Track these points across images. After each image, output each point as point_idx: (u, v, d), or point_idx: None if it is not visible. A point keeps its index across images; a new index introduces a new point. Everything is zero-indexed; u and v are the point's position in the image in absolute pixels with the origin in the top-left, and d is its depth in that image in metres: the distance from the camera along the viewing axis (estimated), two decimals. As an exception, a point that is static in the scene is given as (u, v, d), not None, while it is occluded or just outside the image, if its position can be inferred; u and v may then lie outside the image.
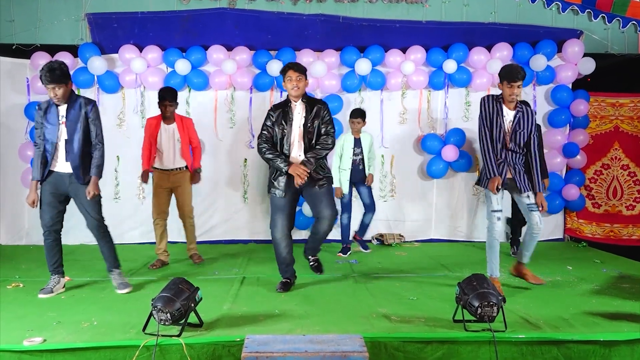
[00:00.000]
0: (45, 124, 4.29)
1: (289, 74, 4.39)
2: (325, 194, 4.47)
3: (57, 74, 4.16)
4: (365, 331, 3.42)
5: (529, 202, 4.44)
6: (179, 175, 5.46)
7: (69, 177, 4.34)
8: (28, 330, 3.47)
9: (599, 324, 3.66)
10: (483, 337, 3.37)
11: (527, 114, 4.39)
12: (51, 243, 4.45)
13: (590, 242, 6.79)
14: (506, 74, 4.31)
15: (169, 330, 3.39)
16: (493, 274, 4.55)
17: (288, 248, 4.54)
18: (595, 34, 6.81)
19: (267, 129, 4.47)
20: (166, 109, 5.34)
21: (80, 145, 4.30)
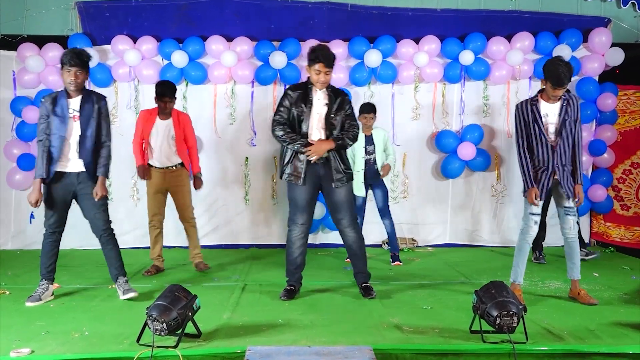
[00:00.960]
0: (52, 117, 4.31)
1: (318, 68, 4.37)
2: (344, 197, 4.51)
3: (83, 57, 4.29)
4: (375, 342, 3.42)
5: (568, 205, 4.46)
6: (175, 173, 5.43)
7: (77, 177, 4.38)
8: (15, 341, 3.49)
9: (628, 336, 3.65)
10: (502, 349, 3.37)
11: (572, 100, 4.42)
12: (51, 244, 4.50)
13: (618, 247, 6.77)
14: (552, 77, 4.25)
15: (164, 341, 3.41)
16: (516, 280, 4.56)
17: (301, 249, 4.58)
18: (624, 22, 6.80)
19: (284, 111, 4.46)
20: (166, 106, 5.34)
21: (92, 141, 4.37)
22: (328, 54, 4.42)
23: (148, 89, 6.55)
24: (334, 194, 4.51)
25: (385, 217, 5.95)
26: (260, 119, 6.71)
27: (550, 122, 4.38)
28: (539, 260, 5.97)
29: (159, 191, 5.44)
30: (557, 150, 4.37)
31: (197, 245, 5.66)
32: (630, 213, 6.92)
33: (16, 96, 6.56)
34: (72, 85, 4.30)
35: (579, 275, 4.56)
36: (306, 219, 4.56)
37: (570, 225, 4.47)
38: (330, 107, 4.46)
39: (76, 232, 6.43)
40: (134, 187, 6.64)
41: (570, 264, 4.56)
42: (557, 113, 4.38)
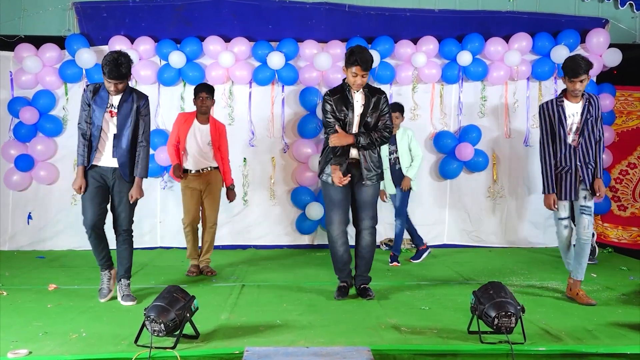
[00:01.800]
0: (93, 107, 4.28)
1: (355, 70, 4.34)
2: (371, 196, 4.54)
3: (123, 70, 4.18)
4: (373, 343, 3.42)
5: (584, 204, 4.46)
6: (210, 174, 5.38)
7: (112, 172, 4.36)
8: (12, 342, 3.48)
9: (626, 336, 3.65)
10: (500, 350, 3.37)
11: (593, 99, 4.45)
12: (95, 239, 4.45)
13: (616, 248, 6.79)
14: (568, 69, 4.32)
15: (162, 342, 3.41)
16: (577, 277, 4.54)
17: (345, 246, 4.59)
18: (621, 23, 6.81)
19: (332, 116, 4.45)
20: (202, 103, 5.29)
21: (128, 141, 4.34)
22: (366, 58, 4.36)
23: (145, 89, 6.48)
24: (361, 192, 4.54)
25: (398, 217, 5.98)
26: (258, 119, 6.71)
27: (573, 122, 4.41)
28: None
29: (194, 195, 5.36)
30: (578, 149, 4.40)
31: (209, 251, 5.55)
32: (627, 213, 6.94)
33: (13, 97, 6.56)
34: (113, 93, 4.28)
35: (583, 277, 4.54)
36: (343, 217, 4.56)
37: (585, 225, 4.43)
38: (366, 108, 4.46)
39: (74, 233, 6.45)
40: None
41: (577, 264, 4.52)
42: (579, 112, 4.40)
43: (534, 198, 6.84)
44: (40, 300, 4.49)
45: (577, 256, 4.53)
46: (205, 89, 5.34)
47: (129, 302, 4.41)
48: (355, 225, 4.66)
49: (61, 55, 6.49)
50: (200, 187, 5.36)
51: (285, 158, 6.80)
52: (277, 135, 6.75)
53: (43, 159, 6.55)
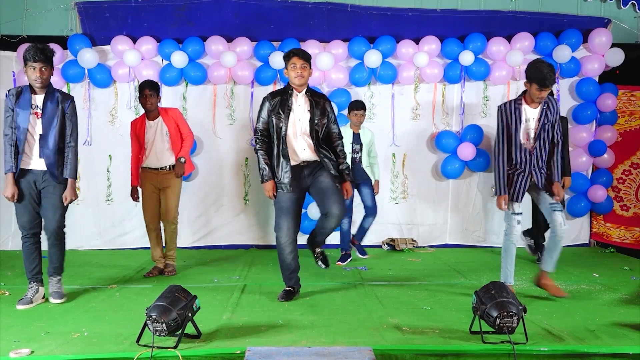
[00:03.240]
0: (17, 110, 4.24)
1: (293, 61, 4.39)
2: (334, 187, 4.46)
3: (46, 52, 4.20)
4: (375, 343, 3.42)
5: (552, 202, 4.48)
6: (168, 175, 5.37)
7: (42, 175, 4.32)
8: (14, 341, 3.48)
9: (628, 336, 3.64)
10: (502, 350, 3.36)
11: (552, 103, 4.44)
12: (29, 247, 4.42)
13: (618, 248, 6.77)
14: (537, 78, 4.26)
15: (164, 341, 3.41)
16: (507, 281, 4.58)
17: (293, 254, 4.54)
18: (624, 23, 6.80)
19: (262, 122, 4.47)
20: (147, 100, 5.23)
21: (55, 142, 4.29)
22: (301, 49, 4.48)
23: (148, 89, 6.56)
24: (320, 181, 4.45)
25: (371, 215, 5.97)
26: (260, 119, 6.70)
27: (530, 127, 4.42)
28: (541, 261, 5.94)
29: (153, 192, 5.39)
30: (534, 153, 4.43)
31: (172, 248, 5.50)
32: (630, 213, 6.92)
33: (16, 96, 6.55)
34: (38, 82, 4.21)
35: (552, 269, 4.61)
36: (292, 223, 4.48)
37: (560, 221, 4.44)
38: (313, 113, 4.43)
39: (75, 234, 6.45)
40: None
41: (549, 257, 4.58)
42: (537, 117, 4.41)
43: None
44: (42, 300, 4.50)
45: (550, 250, 4.56)
46: (147, 85, 5.28)
47: (57, 299, 4.39)
48: (324, 213, 4.50)
49: (63, 55, 6.49)
50: (158, 186, 5.37)
51: (287, 158, 6.79)
52: (279, 135, 6.74)
53: (45, 159, 6.55)
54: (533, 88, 4.31)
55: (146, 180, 5.39)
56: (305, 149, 4.45)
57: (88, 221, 6.71)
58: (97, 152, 6.63)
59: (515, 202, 4.51)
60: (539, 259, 5.97)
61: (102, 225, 6.76)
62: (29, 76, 4.23)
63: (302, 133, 4.44)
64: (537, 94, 4.31)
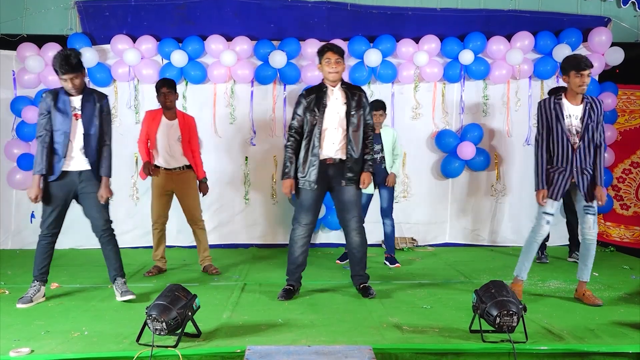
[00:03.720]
0: (55, 113, 4.25)
1: (328, 56, 4.41)
2: (353, 196, 4.52)
3: (73, 62, 4.17)
4: (375, 342, 3.42)
5: (587, 204, 4.38)
6: (182, 175, 5.35)
7: (79, 175, 4.34)
8: (14, 340, 3.49)
9: (628, 335, 3.64)
10: (502, 349, 3.37)
11: (595, 103, 4.35)
12: (46, 246, 4.43)
13: (618, 247, 6.77)
14: (572, 64, 4.25)
15: (164, 340, 3.41)
16: (519, 275, 4.54)
17: (303, 248, 4.59)
18: (624, 22, 6.80)
19: (297, 118, 4.50)
20: (166, 98, 5.23)
21: (97, 140, 4.34)
22: (336, 44, 4.52)
23: (148, 88, 6.55)
24: (342, 193, 4.51)
25: (387, 217, 5.89)
26: (260, 118, 6.71)
27: (572, 124, 4.32)
28: (541, 260, 5.95)
29: (164, 193, 5.36)
30: (577, 152, 4.31)
31: (207, 248, 5.55)
32: (630, 212, 6.92)
33: (16, 96, 6.56)
34: (73, 91, 4.26)
35: (589, 278, 4.48)
36: (311, 219, 4.57)
37: (590, 225, 4.36)
38: (350, 105, 4.45)
39: (75, 232, 6.45)
40: (133, 187, 6.63)
41: (583, 265, 4.48)
42: (579, 116, 4.31)
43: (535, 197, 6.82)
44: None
45: (582, 257, 4.48)
46: (165, 83, 5.27)
47: (128, 296, 4.41)
48: (343, 226, 4.64)
49: (63, 54, 6.49)
50: (171, 187, 5.33)
51: (287, 157, 6.79)
52: (279, 134, 6.75)
53: (45, 158, 6.55)
54: (572, 76, 4.24)
55: (159, 180, 5.33)
56: (334, 142, 4.46)
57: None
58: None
59: (551, 200, 4.41)
60: (539, 258, 5.96)
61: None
62: (64, 86, 4.25)
63: (338, 126, 4.45)
64: (578, 80, 4.22)
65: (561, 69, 4.38)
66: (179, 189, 5.37)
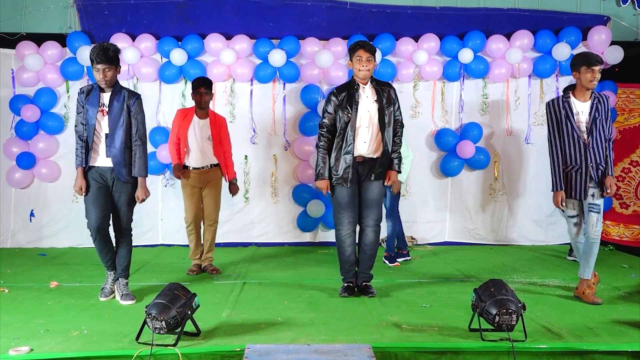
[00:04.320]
0: (87, 107, 4.27)
1: (359, 54, 4.39)
2: (377, 194, 4.54)
3: (110, 53, 4.20)
4: (374, 341, 3.42)
5: (592, 202, 4.39)
6: (210, 173, 5.34)
7: (110, 172, 4.33)
8: (14, 339, 3.49)
9: (627, 334, 3.65)
10: (501, 347, 3.37)
11: (603, 98, 4.39)
12: (100, 241, 4.41)
13: (617, 246, 6.77)
14: (582, 60, 4.31)
15: (164, 339, 3.41)
16: (582, 276, 4.49)
17: (352, 246, 4.59)
18: (623, 21, 6.79)
19: (328, 116, 4.50)
20: (202, 98, 5.22)
21: (122, 140, 4.30)
22: (367, 42, 4.54)
23: (147, 87, 6.56)
24: (368, 190, 4.53)
25: (390, 217, 5.86)
26: (259, 117, 6.70)
27: (581, 121, 4.35)
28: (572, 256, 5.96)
29: (195, 193, 5.33)
30: (589, 148, 4.34)
31: (211, 249, 5.51)
32: (629, 211, 6.92)
33: (15, 94, 6.55)
34: (103, 83, 4.25)
35: (590, 275, 4.48)
36: (351, 216, 4.55)
37: (594, 223, 4.36)
38: (381, 102, 4.45)
39: (75, 231, 6.47)
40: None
41: (585, 262, 4.47)
42: (587, 112, 4.35)
43: (535, 196, 6.84)
44: (42, 298, 4.50)
45: (584, 255, 4.47)
46: (203, 84, 5.27)
47: (128, 301, 4.39)
48: (360, 222, 4.63)
49: (62, 53, 6.49)
50: (200, 185, 5.33)
51: (287, 155, 6.79)
52: (279, 132, 6.75)
53: (44, 157, 6.55)
54: (582, 72, 4.28)
55: (189, 181, 5.32)
56: (366, 141, 4.45)
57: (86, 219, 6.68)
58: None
59: (571, 201, 4.42)
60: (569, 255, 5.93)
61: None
62: (96, 77, 4.26)
63: (370, 124, 4.44)
64: (589, 76, 4.26)
65: (571, 66, 4.41)
66: (205, 186, 5.35)
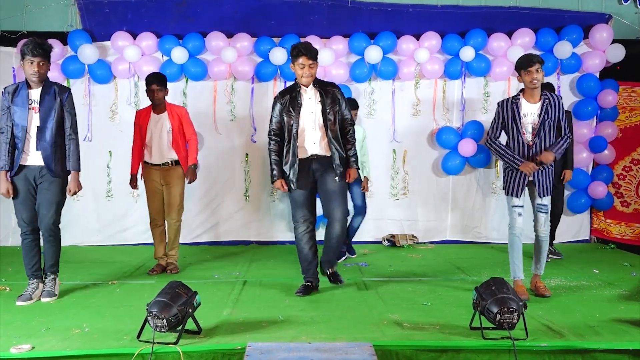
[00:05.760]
0: (14, 108, 4.23)
1: (302, 61, 4.40)
2: (339, 190, 4.54)
3: (45, 47, 4.22)
4: (375, 339, 3.42)
5: (540, 202, 4.50)
6: (169, 171, 5.30)
7: (39, 170, 4.30)
8: (15, 337, 3.49)
9: (628, 332, 3.65)
10: (502, 346, 3.37)
11: (553, 100, 4.44)
12: (29, 244, 4.41)
13: (618, 244, 6.77)
14: (522, 62, 4.39)
15: (165, 337, 3.41)
16: (516, 276, 4.55)
17: (310, 243, 4.61)
18: (625, 19, 6.78)
19: (274, 120, 4.55)
20: (154, 95, 5.18)
21: (53, 135, 4.28)
22: (309, 47, 4.45)
23: (148, 85, 6.56)
24: (327, 184, 4.52)
25: (360, 214, 5.84)
26: (260, 115, 6.70)
27: (528, 122, 4.44)
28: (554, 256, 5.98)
29: (156, 189, 5.33)
30: (532, 149, 4.43)
31: (175, 247, 5.45)
32: (630, 210, 6.92)
33: (16, 92, 6.55)
34: (36, 76, 4.21)
35: (542, 271, 4.62)
36: (307, 215, 4.59)
37: (542, 223, 4.50)
38: (324, 103, 4.46)
39: (75, 229, 6.48)
40: (134, 184, 6.61)
41: (536, 259, 4.62)
42: (536, 113, 4.42)
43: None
44: (43, 296, 4.50)
45: (535, 252, 4.60)
46: (155, 80, 5.20)
47: (47, 298, 4.35)
48: (327, 216, 4.65)
49: (63, 51, 6.49)
50: (161, 182, 5.31)
51: (288, 154, 6.78)
52: (280, 131, 6.74)
53: (46, 155, 6.55)
54: (523, 74, 4.37)
55: (149, 176, 5.33)
56: (315, 142, 4.48)
57: (88, 217, 6.71)
58: (97, 148, 6.62)
59: (515, 197, 4.50)
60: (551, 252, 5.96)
61: (103, 222, 6.76)
62: (26, 70, 4.22)
63: (315, 125, 4.47)
64: (529, 77, 4.34)
65: (516, 70, 4.48)
66: (166, 184, 5.33)
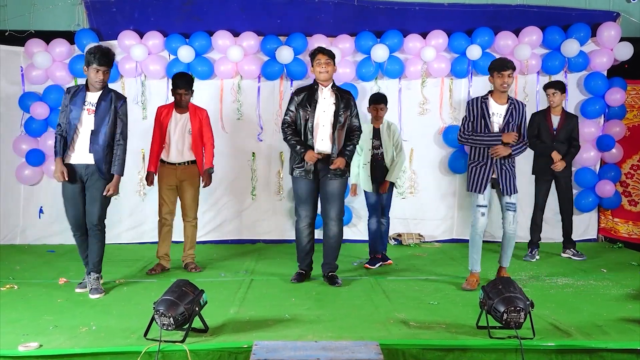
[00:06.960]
0: (70, 107, 4.44)
1: (318, 57, 4.77)
2: (336, 189, 4.83)
3: (110, 57, 4.49)
4: (381, 338, 3.43)
5: (508, 201, 4.74)
6: (186, 170, 5.33)
7: (85, 169, 4.48)
8: (23, 335, 3.51)
9: (635, 331, 3.63)
10: (509, 345, 3.36)
11: (518, 105, 4.71)
12: (77, 240, 4.68)
13: (626, 243, 6.73)
14: (496, 65, 4.65)
15: (172, 335, 3.42)
16: (473, 269, 4.78)
17: (309, 237, 4.94)
18: (633, 17, 6.75)
19: (290, 114, 4.86)
20: (181, 99, 5.25)
21: (105, 138, 4.48)
22: (326, 48, 4.92)
23: (155, 84, 6.58)
24: (327, 185, 4.81)
25: (384, 215, 5.72)
26: (266, 114, 6.71)
27: (495, 122, 4.66)
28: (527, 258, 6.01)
29: (170, 188, 5.34)
30: None
31: (192, 247, 5.52)
32: (638, 208, 6.88)
33: (24, 92, 6.58)
34: (100, 84, 4.46)
35: (508, 264, 4.91)
36: (310, 210, 4.90)
37: (510, 220, 4.77)
38: (338, 106, 4.77)
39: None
40: (140, 183, 6.63)
41: (503, 253, 4.88)
42: (502, 114, 4.65)
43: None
44: (51, 294, 4.53)
45: (503, 247, 4.87)
46: (184, 85, 5.23)
47: (96, 295, 4.46)
48: (323, 216, 4.93)
49: (71, 50, 6.51)
50: (175, 181, 5.33)
51: (294, 153, 6.79)
52: (286, 129, 6.74)
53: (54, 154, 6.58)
54: (495, 76, 4.61)
55: (164, 175, 5.34)
56: (323, 139, 4.77)
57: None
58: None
59: (479, 194, 4.69)
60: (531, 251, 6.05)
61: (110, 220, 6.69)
62: (91, 77, 4.46)
63: (326, 123, 4.78)
64: (500, 80, 4.58)
65: (488, 71, 4.72)
66: (181, 183, 5.36)
